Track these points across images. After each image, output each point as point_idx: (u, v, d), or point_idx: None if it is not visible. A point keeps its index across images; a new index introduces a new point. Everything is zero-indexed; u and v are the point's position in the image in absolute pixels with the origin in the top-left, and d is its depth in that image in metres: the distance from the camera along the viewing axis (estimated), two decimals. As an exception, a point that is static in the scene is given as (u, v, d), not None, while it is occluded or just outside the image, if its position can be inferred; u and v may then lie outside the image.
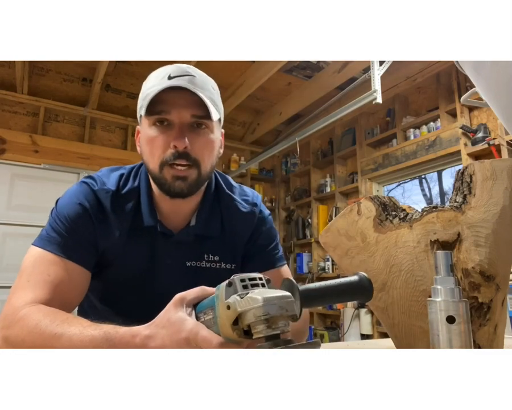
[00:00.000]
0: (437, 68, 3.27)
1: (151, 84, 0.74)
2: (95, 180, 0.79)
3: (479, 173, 0.60)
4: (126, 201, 0.79)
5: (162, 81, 0.72)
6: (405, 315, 0.58)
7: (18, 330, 0.61)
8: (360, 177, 3.90)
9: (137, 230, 0.79)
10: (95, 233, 0.75)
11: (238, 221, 0.86)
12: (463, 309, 0.43)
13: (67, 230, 0.73)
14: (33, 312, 0.62)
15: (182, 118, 0.72)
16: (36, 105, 3.78)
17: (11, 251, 3.38)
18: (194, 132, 0.73)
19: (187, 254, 0.83)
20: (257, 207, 0.90)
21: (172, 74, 0.72)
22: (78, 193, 0.77)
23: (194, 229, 0.82)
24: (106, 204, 0.77)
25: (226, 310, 0.42)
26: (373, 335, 3.42)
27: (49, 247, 0.71)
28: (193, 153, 0.73)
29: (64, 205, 0.76)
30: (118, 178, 0.81)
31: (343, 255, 0.68)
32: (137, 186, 0.81)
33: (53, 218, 0.75)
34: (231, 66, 3.44)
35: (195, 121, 0.73)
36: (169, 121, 0.72)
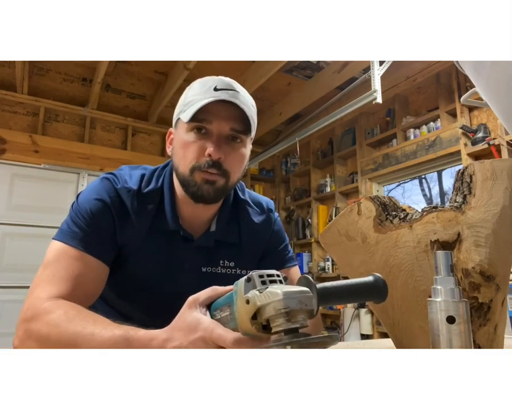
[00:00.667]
0: (437, 68, 3.27)
1: (195, 92, 0.76)
2: (117, 178, 0.80)
3: (479, 173, 0.60)
4: (147, 202, 0.80)
5: (208, 91, 0.74)
6: (405, 315, 0.58)
7: (41, 324, 0.62)
8: (360, 177, 3.90)
9: (157, 232, 0.80)
10: (115, 228, 0.77)
11: (253, 228, 0.88)
12: (463, 309, 0.43)
13: (89, 225, 0.74)
14: (57, 307, 0.63)
15: (221, 130, 0.74)
16: (36, 105, 3.78)
17: (11, 251, 3.38)
18: (229, 144, 0.76)
19: (204, 260, 0.84)
20: (272, 213, 0.93)
21: (218, 87, 0.74)
22: (100, 188, 0.78)
23: (215, 234, 0.84)
24: (127, 202, 0.78)
25: (245, 305, 0.43)
26: (373, 335, 3.42)
27: (72, 242, 0.72)
28: (225, 164, 0.75)
29: (85, 200, 0.77)
30: (140, 178, 0.82)
31: (343, 255, 0.68)
32: (160, 188, 0.82)
33: (74, 212, 0.76)
34: (231, 66, 3.43)
35: (233, 134, 0.76)
36: (207, 130, 0.74)
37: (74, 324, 0.59)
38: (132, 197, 0.78)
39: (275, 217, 0.94)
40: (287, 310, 0.40)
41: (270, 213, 0.93)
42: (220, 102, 0.72)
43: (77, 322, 0.59)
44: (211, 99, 0.72)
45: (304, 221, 4.58)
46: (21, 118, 3.74)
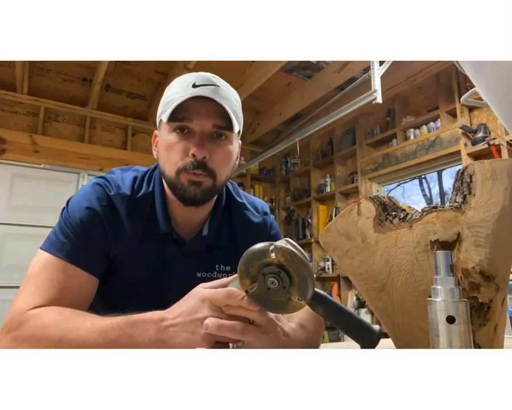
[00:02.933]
0: (437, 68, 3.27)
1: (174, 91, 0.73)
2: (110, 183, 0.77)
3: (479, 173, 0.60)
4: (140, 206, 0.77)
5: (186, 89, 0.71)
6: (405, 315, 0.58)
7: (29, 328, 0.60)
8: (360, 177, 3.90)
9: (150, 236, 0.78)
10: (106, 239, 0.73)
11: (251, 231, 0.86)
12: (463, 309, 0.43)
13: (77, 236, 0.71)
14: (47, 311, 0.62)
15: (203, 127, 0.72)
16: (36, 105, 3.78)
17: (11, 251, 3.38)
18: (214, 142, 0.73)
19: (198, 265, 0.81)
20: (267, 216, 0.91)
21: (196, 83, 0.72)
22: (91, 195, 0.74)
23: (206, 238, 0.82)
24: (120, 210, 0.75)
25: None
26: (373, 335, 3.42)
27: (58, 254, 0.69)
28: (210, 163, 0.73)
29: (76, 209, 0.73)
30: (132, 181, 0.79)
31: (343, 255, 0.68)
32: (152, 191, 0.80)
33: (63, 221, 0.73)
34: (231, 66, 3.43)
35: (216, 131, 0.73)
36: (189, 129, 0.72)
37: (72, 320, 0.59)
38: (127, 203, 0.76)
39: (270, 221, 0.92)
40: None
41: (265, 216, 0.91)
42: (199, 98, 0.70)
43: (74, 318, 0.60)
44: (188, 95, 0.69)
45: (304, 221, 4.58)
46: (21, 118, 3.74)
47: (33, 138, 3.65)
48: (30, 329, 0.60)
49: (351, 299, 3.68)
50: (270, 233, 0.90)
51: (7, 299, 3.29)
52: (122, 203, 0.75)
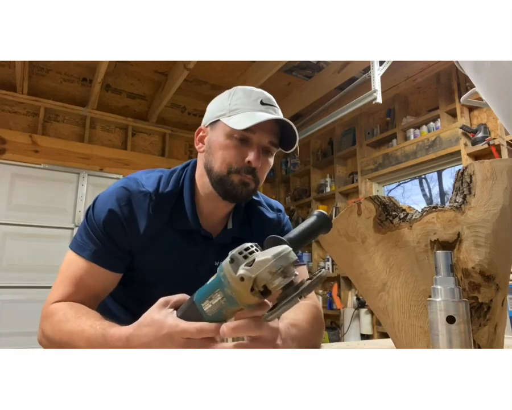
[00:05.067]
0: (437, 68, 3.27)
1: (242, 101, 0.81)
2: (131, 182, 0.83)
3: (479, 173, 0.60)
4: (165, 202, 0.83)
5: (255, 104, 0.80)
6: (405, 315, 0.58)
7: (47, 325, 0.73)
8: (360, 177, 3.90)
9: (175, 230, 0.84)
10: (127, 239, 0.80)
11: (266, 226, 0.94)
12: (463, 309, 0.43)
13: (100, 237, 0.79)
14: (57, 310, 0.73)
15: (262, 141, 0.81)
16: (36, 105, 3.78)
17: (11, 251, 3.38)
18: (264, 155, 0.84)
19: (220, 257, 0.84)
20: (281, 213, 1.00)
21: (264, 101, 0.82)
22: (112, 196, 0.81)
23: (232, 231, 0.90)
24: (142, 206, 0.81)
25: (241, 282, 0.46)
26: (373, 335, 3.42)
27: (83, 254, 0.79)
28: (259, 172, 0.82)
29: (100, 209, 0.81)
30: (158, 180, 0.86)
31: (343, 255, 0.68)
32: (180, 189, 0.87)
33: (88, 221, 0.81)
34: (231, 66, 3.43)
35: (269, 146, 0.83)
36: (249, 139, 0.80)
37: (70, 324, 0.68)
38: (149, 199, 0.82)
39: (285, 219, 1.00)
40: (281, 269, 0.44)
41: (279, 212, 0.99)
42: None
43: (72, 322, 0.69)
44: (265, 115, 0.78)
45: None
46: (21, 118, 3.74)
47: (33, 138, 3.65)
48: (46, 326, 0.73)
49: (351, 299, 3.68)
50: (284, 230, 0.97)
51: (7, 299, 3.29)
52: (144, 200, 0.82)
